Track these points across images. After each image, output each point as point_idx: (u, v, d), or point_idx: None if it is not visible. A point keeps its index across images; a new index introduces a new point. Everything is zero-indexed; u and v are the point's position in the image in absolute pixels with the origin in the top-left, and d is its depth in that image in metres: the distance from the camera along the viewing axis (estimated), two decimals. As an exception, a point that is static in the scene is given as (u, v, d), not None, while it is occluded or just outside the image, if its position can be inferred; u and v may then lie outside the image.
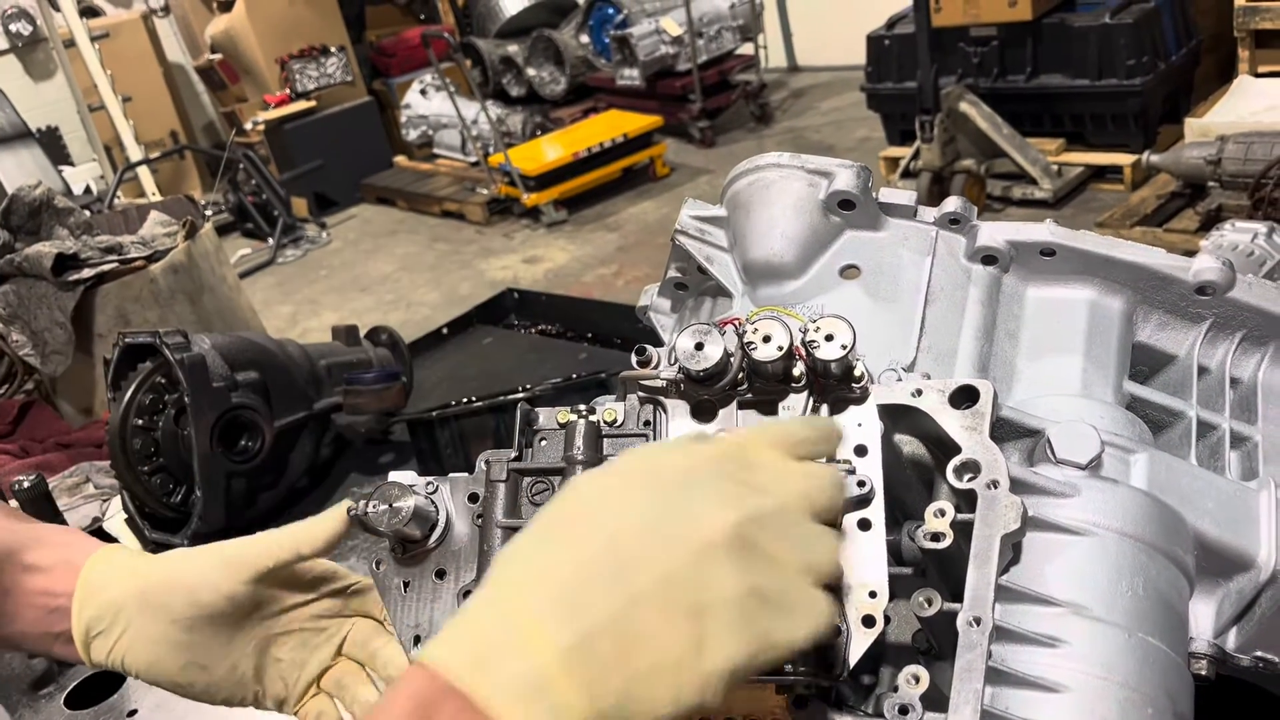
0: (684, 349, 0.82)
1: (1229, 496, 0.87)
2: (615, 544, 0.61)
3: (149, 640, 0.90)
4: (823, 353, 0.78)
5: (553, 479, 0.88)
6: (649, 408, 0.86)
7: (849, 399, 0.81)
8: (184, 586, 0.90)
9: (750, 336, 0.80)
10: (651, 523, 0.62)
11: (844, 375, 0.80)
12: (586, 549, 0.61)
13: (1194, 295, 0.99)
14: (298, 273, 7.66)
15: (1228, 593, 0.87)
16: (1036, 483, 0.82)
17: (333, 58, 8.99)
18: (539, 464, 0.88)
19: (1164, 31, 5.59)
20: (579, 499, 0.66)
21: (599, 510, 0.64)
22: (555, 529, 0.64)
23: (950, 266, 1.02)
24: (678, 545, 0.61)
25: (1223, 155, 4.51)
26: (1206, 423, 0.98)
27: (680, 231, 1.13)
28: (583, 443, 0.85)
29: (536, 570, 0.62)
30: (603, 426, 0.87)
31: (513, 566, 0.64)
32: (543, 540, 0.64)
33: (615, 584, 0.60)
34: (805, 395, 0.82)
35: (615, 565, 0.60)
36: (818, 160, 1.05)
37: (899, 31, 6.16)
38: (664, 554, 0.61)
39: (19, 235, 2.42)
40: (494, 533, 0.86)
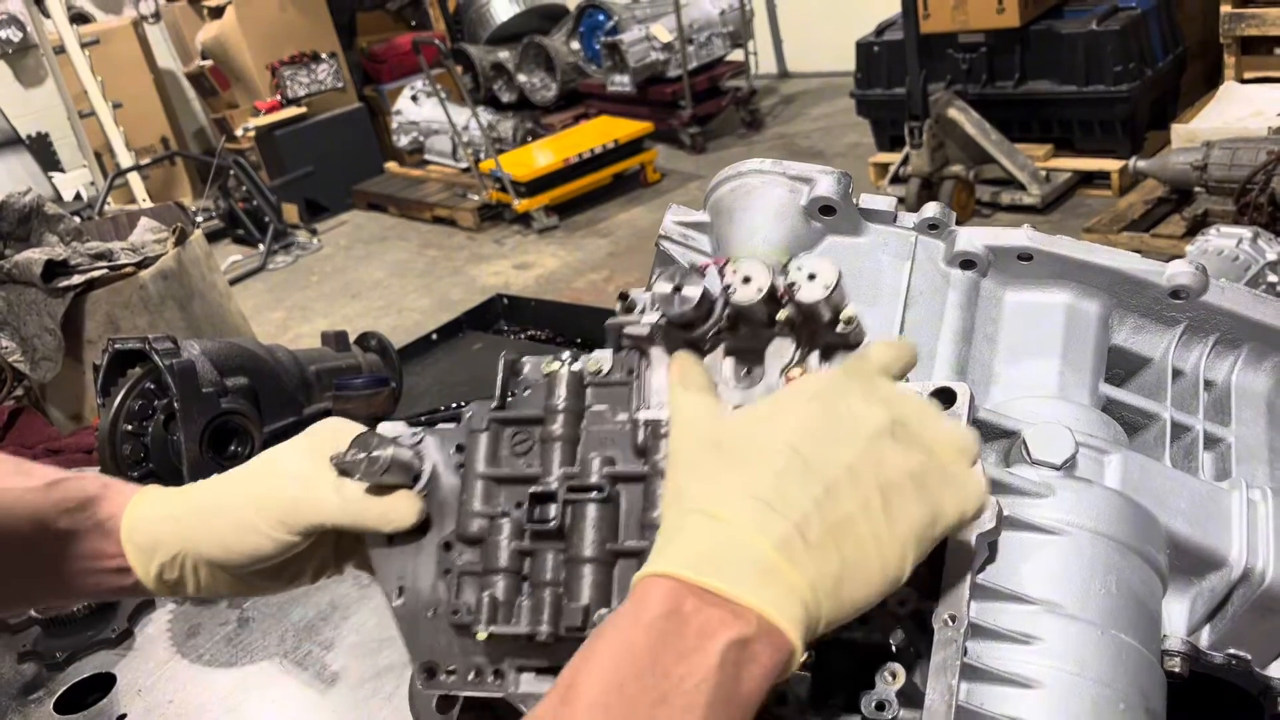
0: (661, 292, 0.80)
1: (1202, 496, 0.89)
2: (797, 449, 0.68)
3: (227, 581, 0.93)
4: (805, 293, 0.77)
5: (533, 429, 0.87)
6: (634, 356, 0.85)
7: (839, 344, 0.80)
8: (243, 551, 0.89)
9: (729, 278, 0.79)
10: (821, 426, 0.70)
11: (833, 318, 0.78)
12: (773, 459, 0.68)
13: (1168, 299, 1.01)
14: (289, 279, 7.66)
15: (1200, 591, 0.89)
16: (1012, 483, 0.84)
17: (324, 64, 8.99)
18: (520, 413, 0.88)
19: (1150, 38, 5.63)
20: (743, 425, 0.72)
21: (769, 428, 0.70)
22: (730, 450, 0.70)
23: (929, 271, 1.03)
24: (850, 438, 0.69)
25: (1209, 161, 4.55)
26: (1181, 424, 1.00)
27: (664, 236, 1.15)
28: (565, 392, 0.86)
29: (730, 484, 0.68)
30: (586, 376, 0.87)
31: (704, 485, 0.69)
32: (723, 459, 0.70)
33: (808, 480, 0.67)
34: (793, 342, 0.80)
35: (803, 465, 0.67)
36: (799, 166, 1.07)
37: (888, 38, 6.19)
38: (841, 448, 0.68)
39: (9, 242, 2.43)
40: (474, 482, 0.87)
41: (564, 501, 0.82)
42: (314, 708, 1.52)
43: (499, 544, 0.85)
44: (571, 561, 0.82)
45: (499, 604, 0.83)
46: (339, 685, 1.54)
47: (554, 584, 0.82)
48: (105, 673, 1.66)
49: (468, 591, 0.85)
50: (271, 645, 1.65)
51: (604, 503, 0.82)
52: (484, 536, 0.86)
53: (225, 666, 1.63)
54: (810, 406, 0.71)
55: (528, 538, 0.84)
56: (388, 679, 1.52)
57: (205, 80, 9.94)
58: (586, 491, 0.82)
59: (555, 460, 0.85)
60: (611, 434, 0.85)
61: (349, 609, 1.69)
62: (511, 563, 0.84)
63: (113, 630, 1.72)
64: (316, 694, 1.54)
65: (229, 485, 0.92)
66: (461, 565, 0.86)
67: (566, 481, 0.84)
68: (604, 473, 0.83)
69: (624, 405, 0.85)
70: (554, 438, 0.86)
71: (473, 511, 0.87)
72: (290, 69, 8.81)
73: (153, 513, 0.92)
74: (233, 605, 1.76)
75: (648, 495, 0.81)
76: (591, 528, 0.81)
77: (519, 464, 0.87)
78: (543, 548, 0.83)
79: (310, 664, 1.59)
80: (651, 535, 0.78)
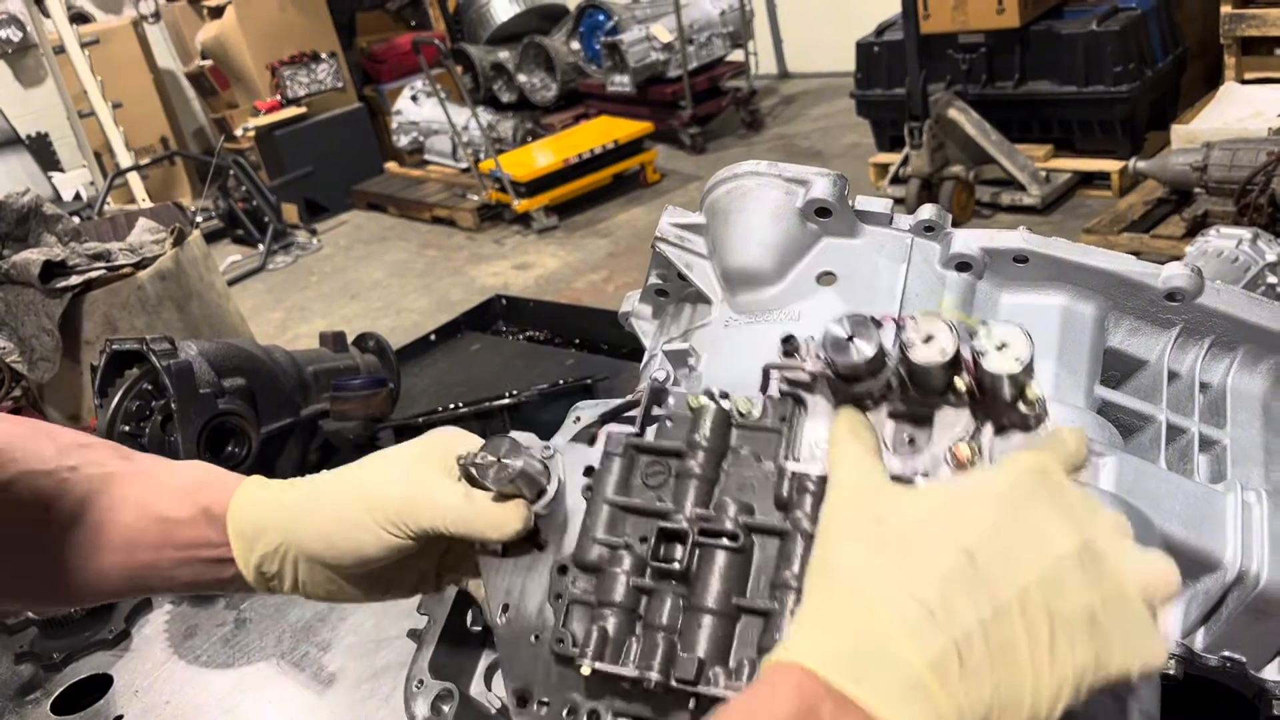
0: (833, 338, 0.74)
1: (1197, 499, 0.89)
2: (973, 556, 0.62)
3: (323, 582, 0.91)
4: (992, 364, 0.70)
5: (670, 461, 0.83)
6: (789, 403, 0.81)
7: (1018, 425, 0.72)
8: (348, 549, 0.87)
9: (910, 335, 0.72)
10: (1004, 536, 0.64)
11: (1015, 396, 0.71)
12: (945, 560, 0.63)
13: (1164, 301, 1.00)
14: (288, 279, 7.66)
15: (1195, 593, 0.89)
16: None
17: (323, 64, 9.00)
18: (659, 443, 0.84)
19: (1150, 39, 5.64)
20: (914, 507, 0.66)
21: (944, 521, 0.65)
22: (896, 533, 0.65)
23: (925, 273, 1.03)
24: (1032, 557, 0.63)
25: (1209, 161, 4.55)
26: (1176, 426, 1.00)
27: (660, 238, 1.15)
28: (710, 429, 0.81)
29: (894, 578, 0.63)
30: (734, 416, 0.82)
31: (861, 566, 0.64)
32: (886, 541, 0.65)
33: (978, 594, 0.61)
34: (967, 414, 0.73)
35: (976, 576, 0.62)
36: (795, 169, 1.07)
37: (888, 38, 6.19)
38: (1020, 566, 0.63)
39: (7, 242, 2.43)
40: (600, 507, 0.83)
41: (693, 543, 0.78)
42: (311, 709, 1.52)
43: (617, 576, 0.80)
44: (692, 609, 0.77)
45: (608, 639, 0.78)
46: (336, 686, 1.54)
47: (670, 629, 0.77)
48: (102, 674, 1.66)
49: (576, 621, 0.81)
50: (269, 646, 1.65)
51: (736, 552, 0.77)
52: (602, 566, 0.81)
53: (222, 667, 1.63)
54: (994, 508, 0.65)
55: (649, 575, 0.79)
56: (385, 680, 1.52)
57: (205, 80, 9.95)
58: (719, 537, 0.77)
59: (689, 498, 0.80)
60: (753, 480, 0.80)
61: (346, 610, 1.68)
62: (627, 598, 0.79)
63: (110, 631, 1.71)
64: (314, 695, 1.54)
65: (339, 481, 0.89)
66: (574, 593, 0.82)
67: (699, 523, 0.79)
68: (740, 520, 0.78)
69: (771, 453, 0.80)
70: (691, 474, 0.81)
71: (594, 538, 0.82)
72: (290, 69, 8.82)
73: (259, 499, 0.91)
74: (230, 606, 1.76)
75: (784, 553, 0.76)
76: (719, 577, 0.76)
77: (650, 496, 0.83)
78: (663, 589, 0.78)
79: (307, 665, 1.59)
80: (782, 597, 0.74)
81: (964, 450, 0.74)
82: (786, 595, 0.74)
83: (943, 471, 0.75)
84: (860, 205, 1.06)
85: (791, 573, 0.75)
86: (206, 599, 1.78)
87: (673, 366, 1.09)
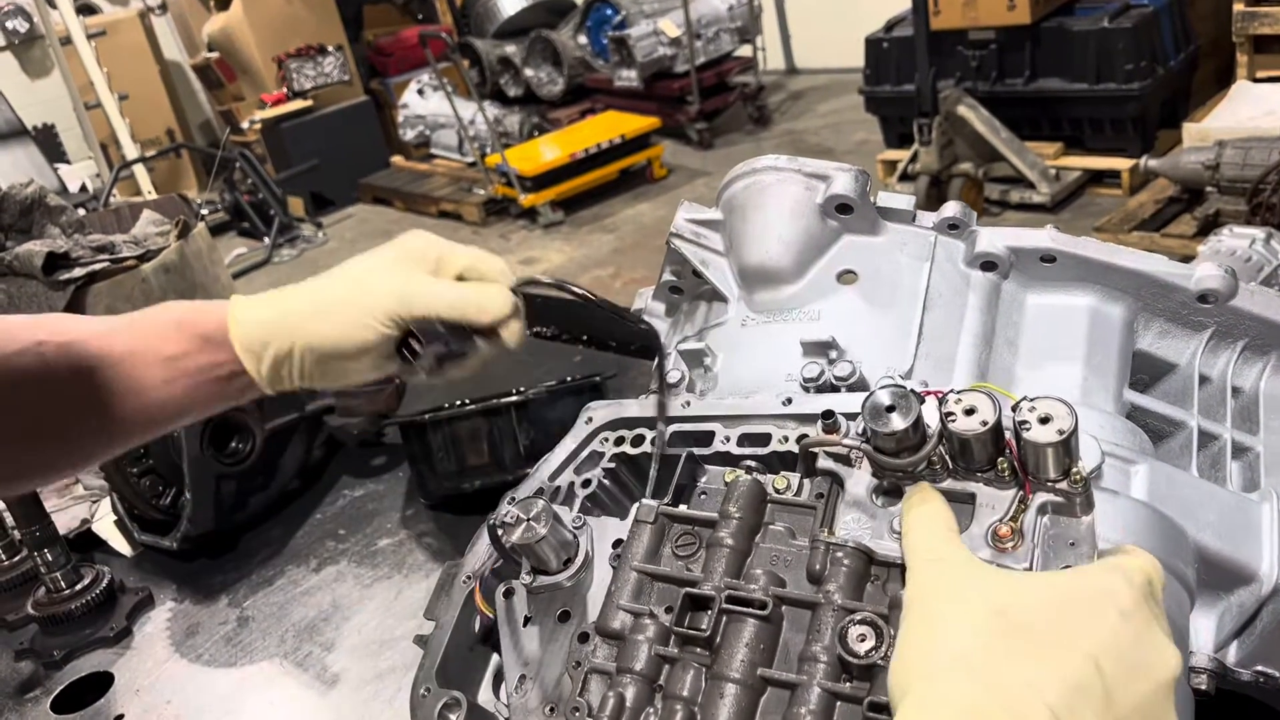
0: (874, 407, 0.73)
1: (1230, 508, 0.86)
2: (1099, 667, 0.63)
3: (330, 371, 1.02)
4: (1035, 435, 0.69)
5: (702, 531, 0.82)
6: (826, 481, 0.80)
7: (1063, 506, 0.71)
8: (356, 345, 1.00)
9: (951, 407, 0.72)
10: (1126, 651, 0.65)
11: (1060, 474, 0.71)
12: (1071, 668, 0.63)
13: (1196, 303, 0.98)
14: (293, 272, 7.64)
15: (1229, 606, 0.86)
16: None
17: (330, 57, 8.98)
18: (691, 512, 0.83)
19: (1163, 36, 5.59)
20: (1046, 609, 0.66)
21: (1075, 627, 0.65)
22: (1028, 635, 0.64)
23: (949, 272, 1.00)
24: (1148, 676, 0.64)
25: (1221, 160, 4.51)
26: (1208, 433, 0.97)
27: (675, 234, 1.12)
28: (744, 502, 0.80)
29: (1027, 679, 0.62)
30: (770, 492, 0.82)
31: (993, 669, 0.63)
32: (1020, 646, 0.64)
33: (1104, 707, 0.62)
34: (1009, 494, 0.72)
35: (1101, 688, 0.62)
36: (815, 163, 1.04)
37: (897, 34, 6.15)
38: (1139, 683, 0.64)
39: (10, 234, 2.41)
40: (627, 575, 0.82)
41: (720, 610, 0.76)
42: (314, 710, 1.50)
43: (639, 644, 0.79)
44: (715, 678, 0.75)
45: (625, 708, 0.76)
46: (339, 687, 1.51)
47: (690, 700, 0.75)
48: (103, 672, 1.63)
49: (594, 690, 0.79)
50: (271, 645, 1.62)
51: (764, 621, 0.75)
52: (625, 633, 0.80)
53: (225, 667, 1.60)
54: (1122, 625, 0.65)
55: (672, 642, 0.78)
56: (389, 681, 1.50)
57: (211, 72, 9.93)
58: (747, 605, 0.75)
59: (719, 569, 0.79)
60: (786, 556, 0.79)
61: (350, 610, 1.66)
62: (649, 667, 0.78)
63: (111, 629, 1.69)
64: (317, 696, 1.52)
65: (330, 287, 1.03)
66: (594, 661, 0.81)
67: (727, 590, 0.77)
68: (770, 591, 0.76)
69: (805, 528, 0.79)
70: (722, 545, 0.80)
71: (619, 605, 0.81)
72: (296, 62, 8.80)
73: (254, 316, 1.02)
74: (232, 604, 1.73)
75: (815, 626, 0.74)
76: (745, 646, 0.75)
77: (678, 565, 0.82)
78: (686, 658, 0.77)
79: (310, 665, 1.57)
80: (810, 670, 0.72)
81: (1004, 529, 0.73)
82: (815, 669, 0.72)
83: (984, 552, 0.73)
84: (882, 202, 1.04)
85: (822, 646, 0.73)
86: (208, 598, 1.76)
87: (687, 366, 1.06)
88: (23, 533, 1.68)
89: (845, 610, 0.73)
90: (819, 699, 0.71)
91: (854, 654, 0.71)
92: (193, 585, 1.80)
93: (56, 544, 1.69)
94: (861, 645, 0.71)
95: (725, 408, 0.95)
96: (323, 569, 1.77)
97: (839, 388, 0.92)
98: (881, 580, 0.76)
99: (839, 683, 0.72)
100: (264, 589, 1.76)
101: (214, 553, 1.86)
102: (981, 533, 0.74)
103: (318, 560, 1.80)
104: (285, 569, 1.79)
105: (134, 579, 1.84)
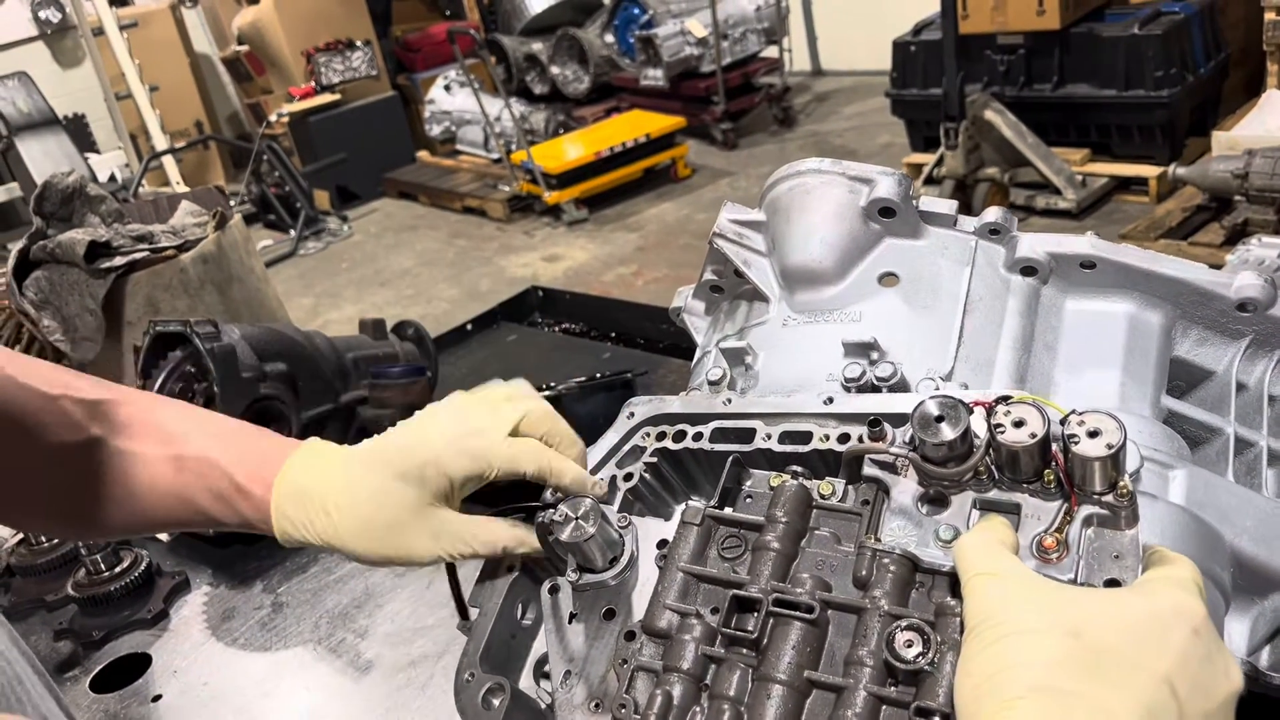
0: (923, 416, 0.74)
1: (1267, 514, 0.87)
2: (1174, 688, 0.64)
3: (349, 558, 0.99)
4: (1083, 448, 0.70)
5: (748, 535, 0.84)
6: (872, 488, 0.81)
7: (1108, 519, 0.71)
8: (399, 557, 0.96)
9: (999, 419, 0.72)
10: (1197, 670, 0.66)
11: (1107, 487, 0.71)
12: (1148, 691, 0.64)
13: (1235, 312, 0.99)
14: (319, 265, 7.69)
15: (1263, 611, 0.87)
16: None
17: (358, 51, 9.03)
18: (737, 515, 0.85)
19: (1193, 44, 5.56)
20: (1120, 631, 0.66)
21: (1148, 656, 0.65)
22: (1104, 656, 0.65)
23: (989, 277, 1.02)
24: (1212, 694, 0.66)
25: (1250, 169, 4.49)
26: (1244, 439, 0.98)
27: (718, 234, 1.14)
28: (790, 507, 0.82)
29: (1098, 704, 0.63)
30: (816, 497, 0.83)
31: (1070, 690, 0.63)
32: (1096, 668, 0.65)
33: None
34: (1054, 505, 0.73)
35: (1176, 709, 0.63)
36: (858, 167, 1.05)
37: (925, 38, 6.14)
38: (1208, 701, 0.65)
39: (51, 222, 2.44)
40: (673, 575, 0.83)
41: (767, 613, 0.77)
42: (347, 695, 1.53)
43: (686, 643, 0.80)
44: (761, 680, 0.76)
45: (672, 706, 0.77)
46: (372, 673, 1.54)
47: (737, 700, 0.76)
48: (141, 653, 1.67)
49: (640, 688, 0.80)
50: (305, 631, 1.65)
51: (810, 624, 0.76)
52: (671, 633, 0.81)
53: (259, 651, 1.63)
54: (1193, 644, 0.66)
55: (719, 643, 0.79)
56: (421, 668, 1.52)
57: (240, 65, 10.00)
58: (794, 608, 0.77)
59: (765, 572, 0.80)
60: (831, 561, 0.80)
61: (383, 597, 1.69)
62: (695, 666, 0.79)
63: (148, 611, 1.73)
64: (350, 681, 1.54)
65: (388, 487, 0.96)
66: (641, 659, 0.82)
67: (774, 593, 0.78)
68: (816, 595, 0.77)
69: (851, 535, 0.80)
70: (768, 548, 0.81)
71: (665, 604, 0.82)
72: (325, 56, 8.85)
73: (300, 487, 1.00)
74: (267, 590, 1.76)
75: (861, 630, 0.75)
76: (791, 648, 0.76)
77: (725, 567, 0.83)
78: (733, 659, 0.78)
79: (344, 651, 1.59)
80: (856, 674, 0.73)
81: (1049, 541, 0.73)
82: (861, 673, 0.73)
83: (1029, 563, 0.74)
84: (924, 206, 1.05)
85: (868, 650, 0.74)
86: (243, 583, 1.79)
87: (728, 365, 1.08)
88: (65, 515, 1.71)
89: (892, 616, 0.74)
90: (865, 702, 0.73)
91: (901, 659, 0.71)
92: (228, 571, 1.83)
93: (98, 527, 1.72)
94: (909, 651, 0.71)
95: (767, 405, 0.96)
96: (356, 557, 1.80)
97: (880, 388, 0.93)
98: (927, 587, 0.77)
99: (885, 687, 0.73)
100: (298, 576, 1.79)
101: (249, 539, 1.89)
102: (1026, 543, 0.74)
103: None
104: (319, 556, 1.82)
105: (170, 563, 1.87)
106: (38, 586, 1.80)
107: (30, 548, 1.83)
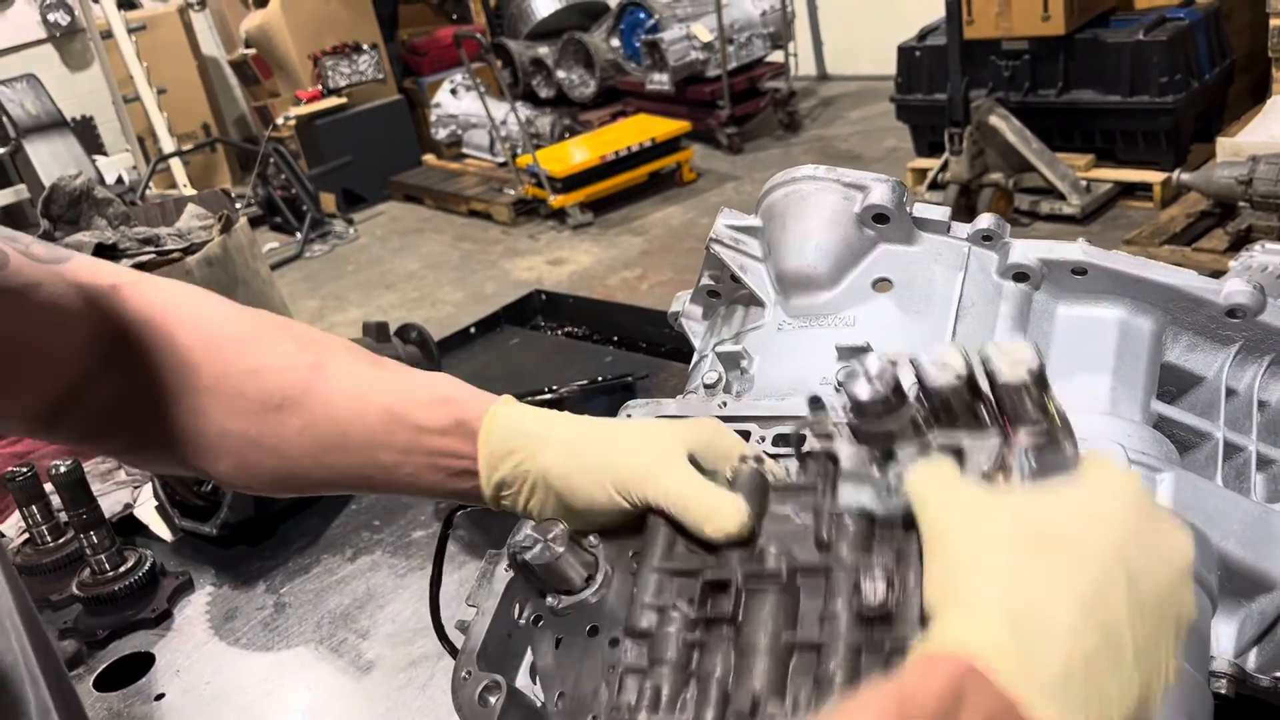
0: (849, 376, 0.75)
1: (1254, 518, 0.88)
2: (1122, 557, 0.65)
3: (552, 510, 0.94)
4: (1005, 376, 0.71)
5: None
6: (821, 459, 0.82)
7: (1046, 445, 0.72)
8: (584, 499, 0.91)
9: (924, 366, 0.74)
10: (1146, 540, 0.67)
11: (1037, 412, 0.72)
12: (1098, 562, 0.64)
13: (1224, 318, 1.00)
14: (324, 268, 7.72)
15: (1250, 613, 0.88)
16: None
17: (365, 55, 9.07)
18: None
19: (1198, 50, 5.57)
20: (1062, 521, 0.67)
21: (1092, 530, 0.66)
22: (1048, 539, 0.66)
23: (982, 282, 1.03)
24: (1167, 564, 0.67)
25: (1254, 175, 4.49)
26: (1233, 444, 0.99)
27: (715, 240, 1.15)
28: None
29: (1050, 576, 0.64)
30: (771, 479, 0.85)
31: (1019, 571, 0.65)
32: (1043, 549, 0.66)
33: (1128, 593, 0.64)
34: (993, 440, 0.74)
35: (1125, 577, 0.64)
36: (853, 174, 1.07)
37: (930, 43, 6.16)
38: (1158, 570, 0.66)
39: (59, 224, 2.47)
40: (648, 576, 0.84)
41: (739, 589, 0.80)
42: (349, 694, 1.54)
43: (668, 635, 0.81)
44: (743, 651, 0.78)
45: (662, 695, 0.79)
46: (374, 673, 1.55)
47: (723, 680, 0.78)
48: (144, 652, 1.68)
49: (630, 690, 0.82)
50: (307, 631, 1.67)
51: (783, 592, 0.79)
52: (653, 630, 0.83)
53: (262, 650, 1.65)
54: (1137, 517, 0.67)
55: (699, 629, 0.81)
56: (422, 668, 1.54)
57: (248, 68, 10.05)
58: (765, 579, 0.79)
59: (733, 554, 0.82)
60: (792, 533, 0.82)
61: (384, 598, 1.70)
62: (680, 655, 0.81)
63: (152, 610, 1.74)
64: (351, 681, 1.56)
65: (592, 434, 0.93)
66: (627, 662, 0.83)
67: (742, 568, 0.81)
68: (784, 564, 0.80)
69: (809, 509, 0.82)
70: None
71: (644, 604, 0.84)
72: (332, 59, 8.89)
73: (512, 424, 0.94)
74: (269, 590, 1.78)
75: (829, 589, 0.77)
76: (768, 616, 0.78)
77: (693, 559, 0.85)
78: (714, 640, 0.80)
79: (345, 651, 1.61)
80: (832, 627, 0.75)
81: (994, 472, 0.74)
82: (836, 625, 0.75)
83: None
84: (918, 212, 1.06)
85: (841, 603, 0.76)
86: (246, 583, 1.81)
87: (724, 368, 1.09)
88: (70, 515, 1.73)
89: (856, 569, 0.76)
90: (845, 654, 0.74)
91: (870, 606, 0.73)
92: (231, 571, 1.85)
93: (102, 527, 1.74)
94: (876, 596, 0.73)
95: (761, 408, 0.98)
96: (358, 559, 1.82)
97: (873, 391, 0.95)
98: (887, 539, 0.79)
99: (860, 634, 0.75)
100: (300, 576, 1.80)
101: (252, 540, 1.90)
102: (973, 480, 0.75)
103: (353, 550, 1.84)
104: (321, 557, 1.84)
105: (174, 563, 1.89)
106: (43, 586, 1.82)
107: (36, 547, 1.85)
